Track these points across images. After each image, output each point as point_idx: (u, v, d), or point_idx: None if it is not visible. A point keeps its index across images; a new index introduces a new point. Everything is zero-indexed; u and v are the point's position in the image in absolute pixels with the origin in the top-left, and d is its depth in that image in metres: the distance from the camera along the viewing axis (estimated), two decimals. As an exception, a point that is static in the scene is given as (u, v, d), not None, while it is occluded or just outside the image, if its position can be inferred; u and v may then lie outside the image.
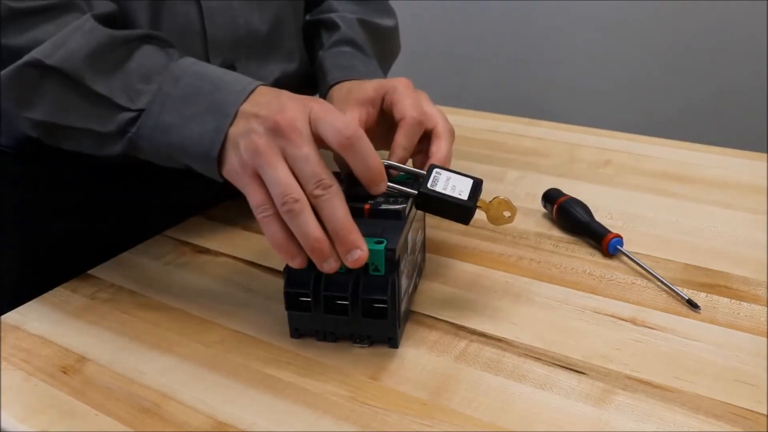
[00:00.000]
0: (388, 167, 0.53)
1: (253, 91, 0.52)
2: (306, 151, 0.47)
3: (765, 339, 0.52)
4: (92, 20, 0.53)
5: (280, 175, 0.47)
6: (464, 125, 0.98)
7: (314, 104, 0.50)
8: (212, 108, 0.51)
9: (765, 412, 0.45)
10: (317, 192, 0.47)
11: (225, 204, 0.75)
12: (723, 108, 1.52)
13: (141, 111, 0.53)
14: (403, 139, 0.56)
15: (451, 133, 0.60)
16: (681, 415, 0.45)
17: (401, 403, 0.46)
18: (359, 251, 0.46)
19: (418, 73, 0.72)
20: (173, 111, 0.53)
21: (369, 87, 0.61)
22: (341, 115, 0.49)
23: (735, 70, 1.49)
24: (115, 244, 0.66)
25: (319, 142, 0.49)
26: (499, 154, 0.87)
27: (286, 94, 0.51)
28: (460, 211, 0.52)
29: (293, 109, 0.49)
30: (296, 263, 0.48)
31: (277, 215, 0.47)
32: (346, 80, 0.67)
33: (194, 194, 0.73)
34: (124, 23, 0.60)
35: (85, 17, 0.53)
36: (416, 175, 0.55)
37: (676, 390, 0.47)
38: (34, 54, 0.51)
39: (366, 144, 0.48)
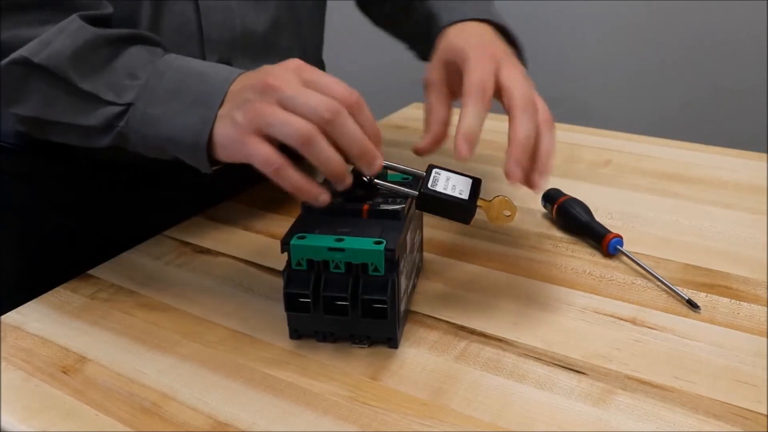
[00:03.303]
0: (386, 168, 0.53)
1: (236, 79, 0.52)
2: (302, 91, 0.47)
3: (765, 339, 0.52)
4: (79, 20, 0.54)
5: (283, 118, 0.47)
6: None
7: (303, 65, 0.50)
8: (198, 100, 0.52)
9: (765, 412, 0.45)
10: (327, 116, 0.47)
11: (225, 204, 0.75)
12: (723, 108, 1.52)
13: (129, 105, 0.53)
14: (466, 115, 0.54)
15: (526, 108, 0.54)
16: (681, 415, 0.45)
17: (401, 403, 0.46)
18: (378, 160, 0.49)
19: (419, 73, 0.71)
20: (160, 104, 0.53)
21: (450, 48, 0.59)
22: (338, 82, 0.49)
23: (735, 70, 1.49)
24: (115, 244, 0.66)
25: None
26: (499, 154, 0.87)
27: (268, 66, 0.51)
28: (460, 210, 0.52)
29: (279, 69, 0.49)
30: (322, 200, 0.49)
31: (288, 163, 0.48)
32: (456, 22, 0.64)
33: (194, 194, 0.73)
34: (126, 23, 0.60)
35: (72, 17, 0.54)
36: (415, 176, 0.55)
37: (676, 390, 0.47)
38: (22, 52, 0.52)
39: (366, 109, 0.49)
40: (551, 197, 0.70)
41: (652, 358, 0.50)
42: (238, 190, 0.77)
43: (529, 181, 0.53)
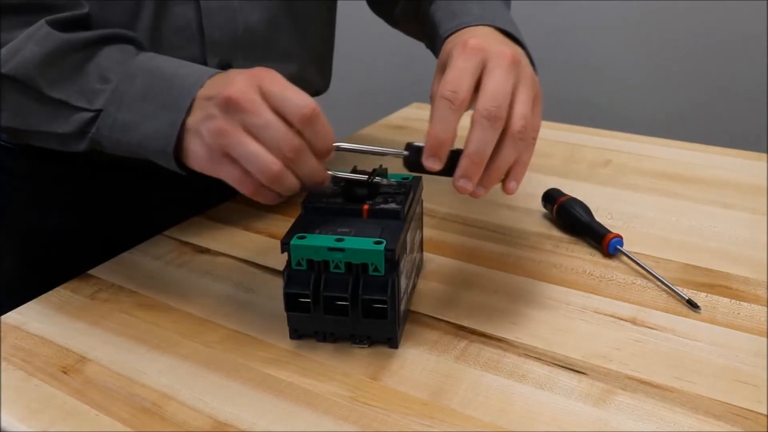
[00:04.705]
0: (333, 177, 0.52)
1: (205, 83, 0.51)
2: (265, 117, 0.46)
3: (765, 339, 0.52)
4: (46, 26, 0.53)
5: (250, 150, 0.47)
6: (464, 125, 0.98)
7: (264, 74, 0.48)
8: (167, 104, 0.51)
9: (765, 412, 0.45)
10: (290, 155, 0.47)
11: (225, 204, 0.75)
12: (723, 108, 1.52)
13: (99, 111, 0.53)
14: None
15: (486, 118, 0.47)
16: (681, 415, 0.45)
17: (401, 403, 0.46)
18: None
19: (419, 73, 0.71)
20: (130, 109, 0.53)
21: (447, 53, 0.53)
22: (297, 92, 0.47)
23: (735, 70, 1.49)
24: (115, 244, 0.66)
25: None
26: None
27: (235, 71, 0.50)
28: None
29: (240, 80, 0.48)
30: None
31: (261, 184, 0.48)
32: (458, 29, 0.58)
33: (194, 194, 0.73)
34: (126, 25, 0.60)
35: (40, 23, 0.53)
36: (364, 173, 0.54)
37: (676, 390, 0.47)
38: None
39: (322, 121, 0.47)
40: (551, 197, 0.70)
41: (652, 358, 0.50)
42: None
43: (473, 192, 0.49)
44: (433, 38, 0.63)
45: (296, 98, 0.47)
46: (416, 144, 0.49)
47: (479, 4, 0.61)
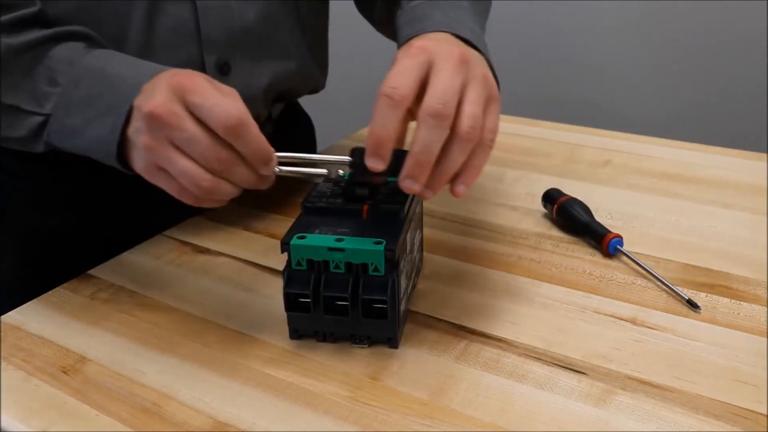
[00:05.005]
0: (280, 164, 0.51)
1: (143, 87, 0.50)
2: (189, 131, 0.46)
3: (765, 339, 0.52)
4: None
5: (179, 167, 0.47)
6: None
7: (187, 82, 0.46)
8: (110, 108, 0.50)
9: (765, 412, 0.45)
10: (219, 168, 0.47)
11: (225, 204, 0.75)
12: (723, 108, 1.52)
13: (48, 115, 0.53)
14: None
15: (432, 116, 0.44)
16: (681, 415, 0.45)
17: (401, 403, 0.46)
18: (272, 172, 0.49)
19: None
20: (77, 114, 0.52)
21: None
22: (221, 101, 0.46)
23: (735, 70, 1.49)
24: (115, 243, 0.66)
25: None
26: (499, 154, 0.87)
27: (162, 77, 0.49)
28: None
29: (162, 93, 0.47)
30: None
31: (201, 194, 0.49)
32: (415, 36, 0.54)
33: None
34: (117, 24, 0.60)
35: None
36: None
37: (676, 390, 0.47)
38: None
39: (250, 131, 0.46)
40: (551, 197, 0.70)
41: (652, 358, 0.50)
42: (238, 190, 0.77)
43: (420, 193, 0.47)
44: (398, 43, 0.60)
45: (220, 109, 0.45)
46: (361, 147, 0.47)
47: (443, 11, 0.58)
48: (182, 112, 0.46)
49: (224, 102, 0.46)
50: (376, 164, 0.45)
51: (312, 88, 0.79)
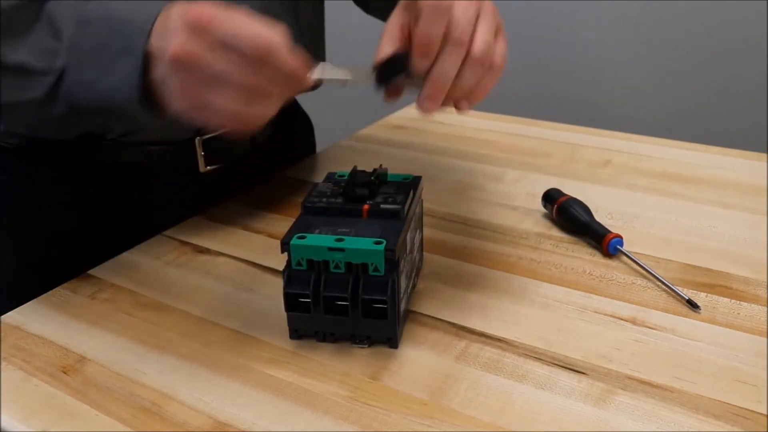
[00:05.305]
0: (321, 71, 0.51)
1: (156, 19, 0.49)
2: (217, 67, 0.45)
3: (765, 339, 0.52)
4: None
5: (217, 106, 0.46)
6: (464, 125, 0.98)
7: (201, 16, 0.45)
8: (122, 52, 0.49)
9: (765, 412, 0.45)
10: (257, 94, 0.46)
11: (225, 204, 0.75)
12: (723, 108, 1.52)
13: (62, 70, 0.51)
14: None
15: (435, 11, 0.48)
16: (681, 415, 0.45)
17: (401, 403, 0.46)
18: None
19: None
20: (89, 65, 0.51)
21: None
22: (243, 29, 0.45)
23: (735, 70, 1.49)
24: (115, 244, 0.66)
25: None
26: (499, 154, 0.87)
27: (177, 13, 0.47)
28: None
29: (178, 33, 0.45)
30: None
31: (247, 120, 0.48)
32: None
33: (194, 194, 0.73)
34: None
35: None
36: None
37: (676, 390, 0.47)
38: None
39: (280, 55, 0.46)
40: (551, 197, 0.70)
41: (652, 358, 0.50)
42: (238, 190, 0.77)
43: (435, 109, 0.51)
44: None
45: (245, 39, 0.45)
46: (392, 54, 0.50)
47: None
48: (206, 50, 0.45)
49: (247, 30, 0.45)
50: (423, 64, 0.49)
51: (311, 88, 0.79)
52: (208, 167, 0.71)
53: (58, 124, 0.60)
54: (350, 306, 0.49)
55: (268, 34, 0.46)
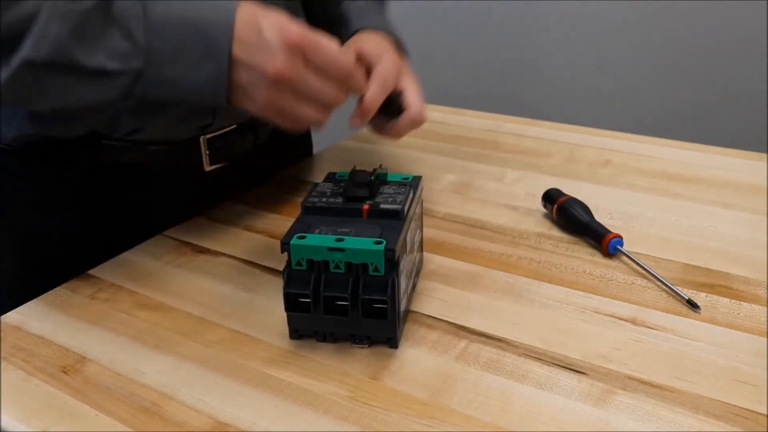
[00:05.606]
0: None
1: (234, 23, 0.53)
2: (311, 84, 0.53)
3: (765, 339, 0.52)
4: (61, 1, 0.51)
5: (300, 113, 0.54)
6: (464, 125, 0.98)
7: (300, 40, 0.52)
8: (206, 56, 0.53)
9: (765, 412, 0.45)
10: (333, 105, 0.56)
11: (225, 204, 0.75)
12: (723, 108, 1.52)
13: (139, 71, 0.53)
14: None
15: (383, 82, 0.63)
16: (681, 415, 0.45)
17: (401, 403, 0.46)
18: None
19: (419, 73, 0.72)
20: (170, 65, 0.53)
21: (367, 47, 0.66)
22: (333, 56, 0.54)
23: (735, 70, 1.49)
24: (115, 244, 0.66)
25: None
26: (499, 154, 0.87)
27: (266, 28, 0.52)
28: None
29: (279, 53, 0.52)
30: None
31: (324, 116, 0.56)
32: (364, 30, 0.73)
33: (194, 194, 0.73)
34: None
35: (51, 1, 0.51)
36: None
37: (676, 390, 0.47)
38: (22, 55, 0.50)
39: (358, 76, 0.58)
40: (551, 197, 0.70)
41: (652, 358, 0.50)
42: (238, 190, 0.77)
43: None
44: (338, 31, 0.74)
45: (336, 64, 0.54)
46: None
47: (378, 16, 0.77)
48: (303, 69, 0.53)
49: (335, 53, 0.54)
50: (359, 124, 0.62)
51: None
52: (213, 166, 0.71)
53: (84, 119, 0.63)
54: (350, 306, 0.49)
55: (349, 58, 0.55)
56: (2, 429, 0.46)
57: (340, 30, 0.75)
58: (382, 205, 0.52)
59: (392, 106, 0.64)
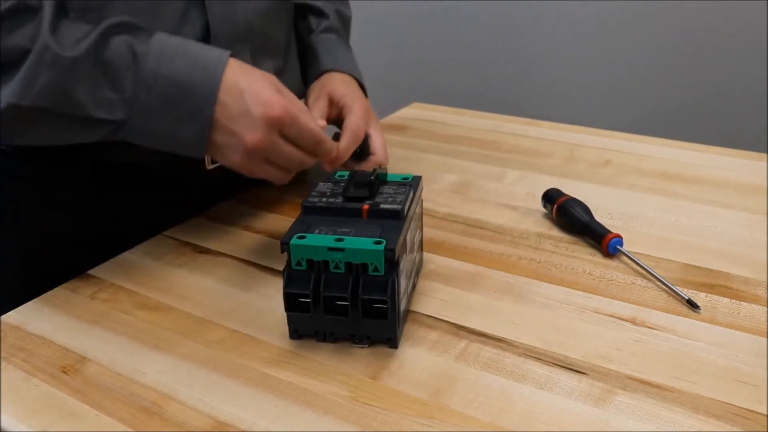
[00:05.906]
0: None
1: (220, 88, 0.56)
2: (284, 154, 0.58)
3: (765, 339, 0.52)
4: (52, 45, 0.52)
5: (270, 175, 0.60)
6: (464, 125, 0.98)
7: (281, 116, 0.56)
8: (190, 115, 0.56)
9: (765, 412, 0.45)
10: (298, 168, 0.61)
11: (225, 204, 0.75)
12: (723, 108, 1.52)
13: (123, 121, 0.56)
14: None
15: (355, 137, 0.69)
16: (681, 415, 0.45)
17: (401, 403, 0.46)
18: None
19: (419, 73, 0.71)
20: (156, 120, 0.56)
21: (339, 92, 0.73)
22: (307, 127, 0.58)
23: (735, 70, 1.49)
24: (115, 244, 0.66)
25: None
26: (499, 154, 0.87)
27: (249, 99, 0.56)
28: None
29: (258, 128, 0.56)
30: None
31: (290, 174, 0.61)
32: (333, 70, 0.77)
33: (194, 194, 0.73)
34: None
35: (42, 43, 0.52)
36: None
37: (676, 390, 0.47)
38: (9, 99, 0.52)
39: (327, 143, 0.61)
40: (551, 197, 0.70)
41: (652, 358, 0.50)
42: (238, 190, 0.77)
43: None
44: (306, 61, 0.81)
45: (309, 135, 0.59)
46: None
47: (346, 57, 0.81)
48: (279, 141, 0.57)
49: (310, 127, 0.59)
50: (331, 168, 0.65)
51: (297, 86, 0.79)
52: (213, 165, 0.71)
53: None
54: (350, 306, 0.49)
55: (319, 129, 0.60)
56: (2, 429, 0.46)
57: (310, 64, 0.80)
58: (382, 205, 0.52)
59: (361, 152, 0.70)
